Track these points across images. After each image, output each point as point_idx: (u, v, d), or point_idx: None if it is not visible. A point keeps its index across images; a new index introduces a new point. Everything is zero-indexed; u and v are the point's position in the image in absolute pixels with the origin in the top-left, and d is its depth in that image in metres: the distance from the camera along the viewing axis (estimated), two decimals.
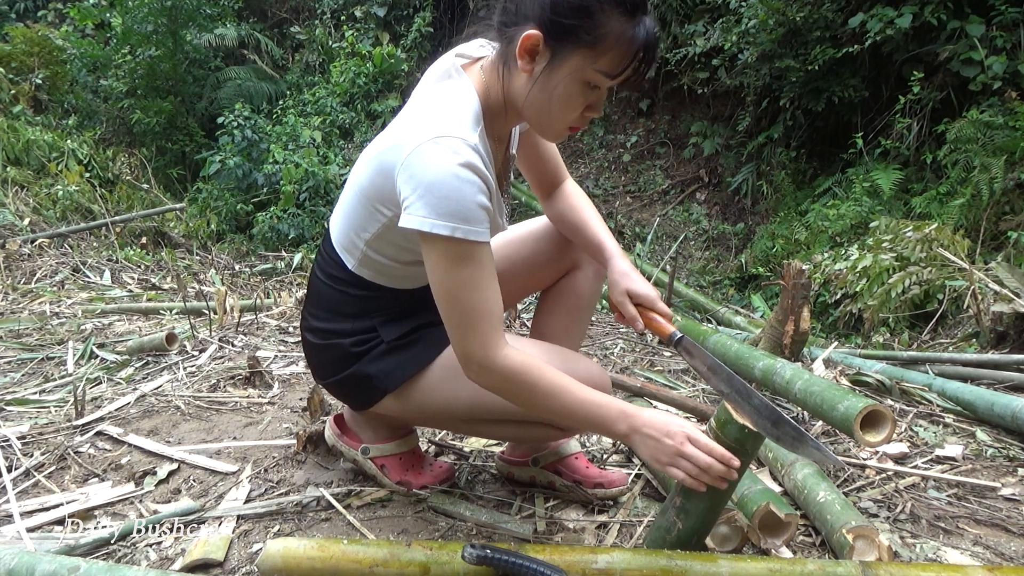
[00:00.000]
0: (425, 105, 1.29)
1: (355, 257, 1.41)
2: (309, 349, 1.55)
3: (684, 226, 7.41)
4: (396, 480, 1.62)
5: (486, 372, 1.24)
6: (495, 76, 1.30)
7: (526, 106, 1.27)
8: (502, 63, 1.28)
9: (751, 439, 1.21)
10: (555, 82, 1.21)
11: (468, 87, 1.29)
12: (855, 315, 4.15)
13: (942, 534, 1.55)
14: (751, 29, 5.99)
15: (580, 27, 1.16)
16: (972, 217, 4.39)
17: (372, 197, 1.33)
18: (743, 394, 1.25)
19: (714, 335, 2.58)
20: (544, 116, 1.27)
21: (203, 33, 9.29)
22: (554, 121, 1.27)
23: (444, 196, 1.16)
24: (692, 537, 1.29)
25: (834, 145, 6.20)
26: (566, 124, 1.28)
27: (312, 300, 1.53)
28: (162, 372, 2.61)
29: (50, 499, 1.64)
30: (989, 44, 4.92)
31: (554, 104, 1.23)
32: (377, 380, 1.45)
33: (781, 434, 1.22)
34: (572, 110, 1.25)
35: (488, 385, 1.26)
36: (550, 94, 1.23)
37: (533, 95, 1.24)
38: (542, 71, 1.21)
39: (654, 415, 1.26)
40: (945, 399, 2.32)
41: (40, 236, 5.57)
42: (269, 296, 4.47)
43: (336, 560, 1.20)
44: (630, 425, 1.24)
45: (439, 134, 1.19)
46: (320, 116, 8.57)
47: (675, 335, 1.35)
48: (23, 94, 8.25)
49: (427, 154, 1.18)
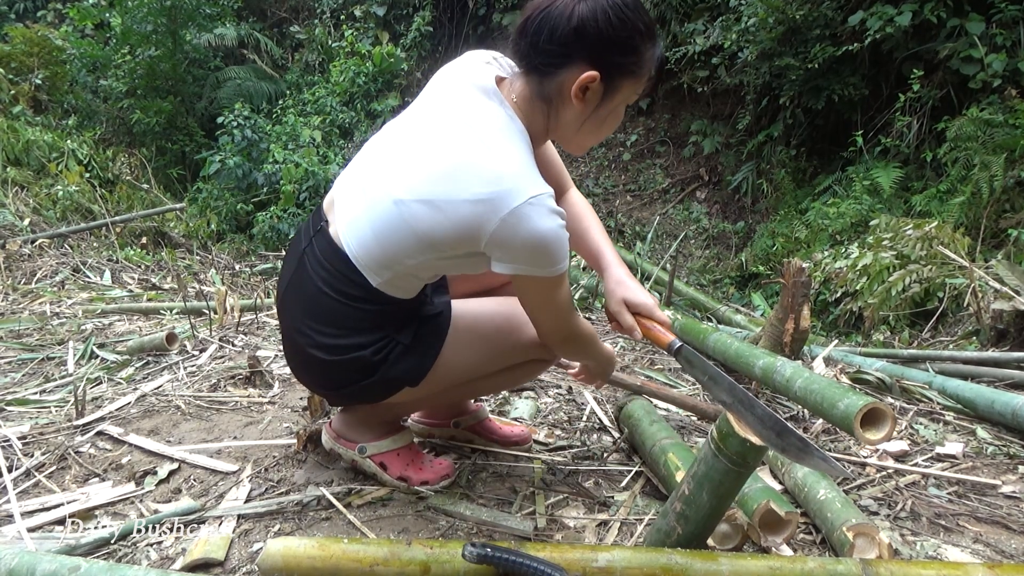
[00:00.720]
0: (487, 140, 1.29)
1: (384, 277, 1.37)
2: (318, 367, 1.49)
3: (684, 225, 7.41)
4: (396, 476, 1.62)
5: (572, 341, 1.49)
6: (536, 113, 1.36)
7: (576, 137, 1.40)
8: (543, 101, 1.34)
9: (752, 452, 1.19)
10: (607, 111, 1.36)
11: (520, 127, 1.35)
12: (855, 313, 4.15)
13: (942, 532, 1.55)
14: (751, 27, 5.99)
15: (631, 63, 1.31)
16: (972, 215, 4.39)
17: (432, 237, 1.30)
18: (746, 404, 1.24)
19: (714, 333, 2.58)
20: (590, 140, 1.43)
21: (203, 33, 9.30)
22: (596, 142, 1.45)
23: (554, 252, 1.28)
24: (691, 542, 1.28)
25: (834, 143, 6.20)
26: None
27: (317, 316, 1.44)
28: (162, 372, 2.61)
29: (51, 499, 1.64)
30: (989, 42, 4.92)
31: (603, 130, 1.40)
32: (404, 380, 1.48)
33: (786, 445, 1.21)
34: (612, 129, 1.43)
35: (574, 347, 1.54)
36: (602, 123, 1.38)
37: (587, 127, 1.37)
38: (597, 105, 1.33)
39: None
40: (945, 397, 2.32)
41: (40, 236, 5.56)
42: (269, 296, 4.47)
43: (337, 559, 1.20)
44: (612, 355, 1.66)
45: (531, 194, 1.24)
46: (320, 116, 8.57)
47: (674, 344, 1.37)
48: (23, 94, 8.25)
49: (529, 219, 1.24)
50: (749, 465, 1.22)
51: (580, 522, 1.54)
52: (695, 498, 1.25)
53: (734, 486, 1.24)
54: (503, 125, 1.32)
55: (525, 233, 1.24)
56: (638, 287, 1.49)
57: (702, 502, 1.25)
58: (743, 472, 1.22)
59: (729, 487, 1.24)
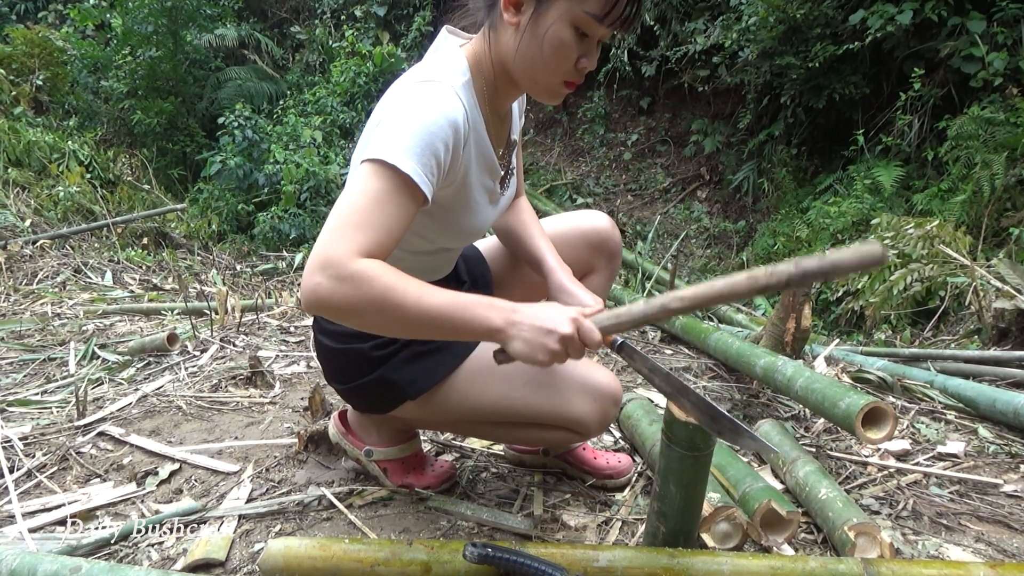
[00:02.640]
0: (411, 72, 1.26)
1: None
2: (325, 353, 1.51)
3: (685, 224, 7.41)
4: (399, 483, 1.62)
5: (335, 278, 1.02)
6: (483, 43, 1.28)
7: (517, 63, 1.22)
8: (489, 27, 1.26)
9: (698, 434, 1.19)
10: (543, 29, 1.17)
11: (456, 52, 1.28)
12: (857, 312, 4.14)
13: (944, 531, 1.55)
14: (751, 26, 5.98)
15: None
16: (974, 214, 4.38)
17: None
18: (681, 392, 1.21)
19: (715, 333, 2.58)
20: (537, 70, 1.21)
21: (203, 33, 9.29)
22: (548, 74, 1.21)
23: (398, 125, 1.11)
24: (677, 538, 1.28)
25: (835, 142, 6.20)
26: (560, 77, 1.22)
27: None
28: (163, 372, 2.62)
29: (52, 499, 1.64)
30: (990, 40, 4.91)
31: (545, 54, 1.18)
32: (401, 387, 1.42)
33: (720, 428, 1.18)
34: (565, 59, 1.19)
35: (336, 292, 1.03)
36: (540, 43, 1.18)
37: (523, 48, 1.20)
38: (530, 19, 1.18)
39: (537, 307, 1.13)
40: (947, 396, 2.32)
41: (41, 237, 5.57)
42: (270, 296, 4.47)
43: (338, 559, 1.20)
44: (505, 318, 1.10)
45: (418, 79, 1.18)
46: (321, 116, 8.56)
47: (616, 341, 1.29)
48: (24, 95, 8.25)
49: (399, 94, 1.16)
50: (700, 449, 1.21)
51: (581, 522, 1.54)
52: (665, 493, 1.26)
53: (696, 474, 1.23)
54: (434, 58, 1.28)
55: (391, 102, 1.16)
56: (580, 290, 1.39)
57: (672, 496, 1.25)
58: (698, 457, 1.21)
59: (691, 475, 1.23)
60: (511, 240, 1.59)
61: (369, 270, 1.04)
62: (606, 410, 1.41)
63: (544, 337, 1.09)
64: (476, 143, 1.28)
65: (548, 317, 1.10)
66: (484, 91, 1.30)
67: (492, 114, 1.34)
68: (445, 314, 1.07)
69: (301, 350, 2.95)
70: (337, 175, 7.49)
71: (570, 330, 1.09)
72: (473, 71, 1.27)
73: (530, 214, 1.59)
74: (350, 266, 1.03)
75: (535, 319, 1.09)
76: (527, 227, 1.55)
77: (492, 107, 1.33)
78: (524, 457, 1.79)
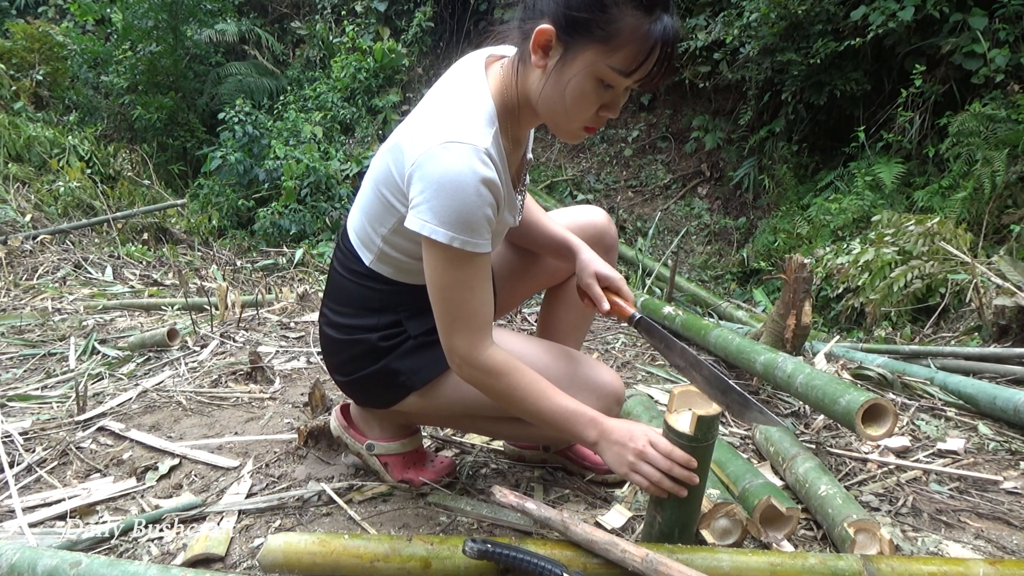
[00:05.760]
0: (440, 102, 1.28)
1: (372, 252, 1.40)
2: (331, 345, 1.52)
3: (686, 220, 7.40)
4: (399, 478, 1.63)
5: (467, 366, 1.28)
6: (511, 73, 1.28)
7: (540, 103, 1.25)
8: (519, 60, 1.27)
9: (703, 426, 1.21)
10: (567, 77, 1.19)
11: (483, 86, 1.28)
12: (857, 309, 4.14)
13: (944, 528, 1.55)
14: (753, 23, 5.97)
15: (593, 21, 1.14)
16: (974, 211, 4.37)
17: (387, 190, 1.32)
18: (695, 366, 1.33)
19: (716, 329, 2.58)
20: (558, 114, 1.24)
21: (204, 29, 9.28)
22: (569, 119, 1.24)
23: (450, 205, 1.17)
24: (673, 530, 1.29)
25: (836, 139, 6.19)
26: (581, 123, 1.25)
27: (333, 295, 1.50)
28: (164, 368, 2.62)
29: (52, 494, 1.64)
30: (992, 37, 4.89)
31: (567, 101, 1.21)
32: (405, 376, 1.44)
33: (729, 401, 1.28)
34: (586, 108, 1.22)
35: (468, 379, 1.31)
36: (563, 90, 1.20)
37: (547, 91, 1.22)
38: (555, 66, 1.19)
39: (620, 422, 1.30)
40: (947, 393, 2.32)
41: (42, 232, 5.57)
42: (270, 292, 4.47)
43: (337, 555, 1.20)
44: (599, 431, 1.29)
45: (451, 139, 1.18)
46: (321, 111, 8.55)
47: (635, 315, 1.43)
48: (24, 90, 8.25)
49: (438, 158, 1.17)
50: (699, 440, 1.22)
51: (581, 518, 1.54)
52: (662, 502, 1.27)
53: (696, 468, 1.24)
54: (464, 92, 1.28)
55: (430, 171, 1.17)
56: (607, 264, 1.52)
57: (668, 504, 1.26)
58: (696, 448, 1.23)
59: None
60: (528, 234, 1.61)
61: (495, 367, 1.27)
62: (609, 408, 1.43)
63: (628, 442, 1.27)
64: (506, 185, 1.32)
65: (627, 428, 1.29)
66: (507, 125, 1.31)
67: (513, 143, 1.36)
68: (552, 422, 1.30)
69: (301, 346, 2.95)
70: (337, 171, 7.48)
71: (641, 445, 1.25)
72: (498, 107, 1.28)
73: (536, 206, 1.62)
74: (477, 361, 1.27)
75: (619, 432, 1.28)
76: (540, 219, 1.60)
77: (514, 137, 1.35)
78: (524, 453, 1.80)
